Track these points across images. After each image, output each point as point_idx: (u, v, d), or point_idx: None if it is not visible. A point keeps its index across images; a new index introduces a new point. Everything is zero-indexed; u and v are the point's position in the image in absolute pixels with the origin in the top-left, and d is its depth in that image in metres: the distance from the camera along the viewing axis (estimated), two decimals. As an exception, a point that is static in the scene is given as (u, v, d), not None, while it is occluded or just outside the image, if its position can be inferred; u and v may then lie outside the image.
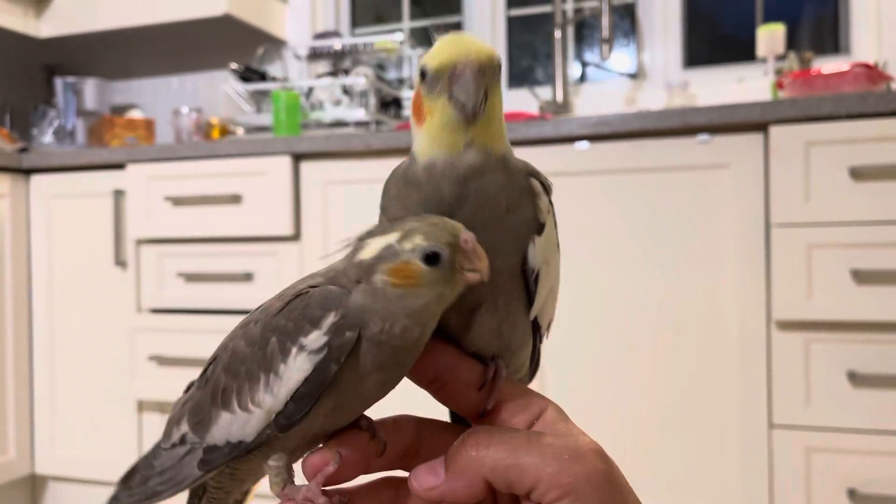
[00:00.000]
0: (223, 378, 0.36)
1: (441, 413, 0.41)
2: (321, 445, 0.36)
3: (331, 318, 0.34)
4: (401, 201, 0.37)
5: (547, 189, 0.40)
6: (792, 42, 1.89)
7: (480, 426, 0.36)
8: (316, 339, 0.34)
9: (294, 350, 0.34)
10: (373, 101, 1.89)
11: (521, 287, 0.38)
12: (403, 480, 0.36)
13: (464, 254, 0.33)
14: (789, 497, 1.33)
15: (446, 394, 0.37)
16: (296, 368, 0.34)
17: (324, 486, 0.34)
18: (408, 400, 0.40)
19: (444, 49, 0.36)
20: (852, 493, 1.29)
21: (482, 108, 0.35)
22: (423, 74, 0.36)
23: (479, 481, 0.33)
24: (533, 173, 0.39)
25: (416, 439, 0.37)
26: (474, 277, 0.34)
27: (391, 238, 0.34)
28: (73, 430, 1.86)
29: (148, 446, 1.79)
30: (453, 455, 0.34)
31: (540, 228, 0.39)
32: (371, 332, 0.33)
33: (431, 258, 0.33)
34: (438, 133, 0.36)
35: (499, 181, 0.36)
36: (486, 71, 0.35)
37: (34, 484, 1.94)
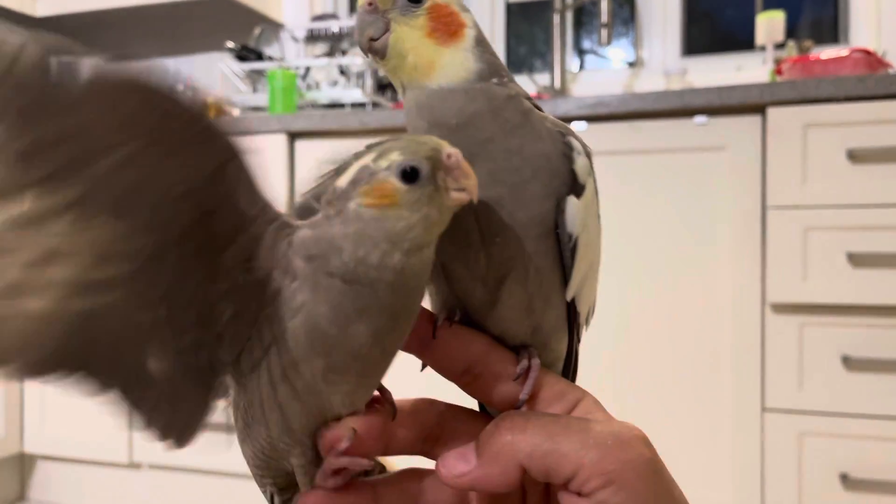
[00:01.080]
0: None
1: (464, 401, 0.38)
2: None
3: None
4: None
5: (588, 153, 0.36)
6: (791, 34, 1.89)
7: (514, 411, 0.33)
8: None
9: None
10: (369, 82, 1.88)
11: (556, 257, 0.34)
12: (429, 472, 0.34)
13: (447, 170, 0.30)
14: (781, 481, 1.32)
15: (477, 386, 0.34)
16: None
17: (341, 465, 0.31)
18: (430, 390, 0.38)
19: None
20: (845, 478, 1.28)
21: (379, 45, 0.33)
22: None
23: (514, 468, 0.30)
24: (568, 133, 0.35)
25: (437, 423, 0.35)
26: (460, 196, 0.30)
27: (367, 159, 0.30)
28: (62, 409, 1.84)
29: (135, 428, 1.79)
30: (486, 439, 0.31)
31: (579, 190, 0.35)
32: (340, 262, 0.29)
33: (409, 174, 0.29)
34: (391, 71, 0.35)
35: (483, 109, 0.33)
36: (378, 4, 0.33)
37: (23, 462, 1.93)
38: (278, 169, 1.61)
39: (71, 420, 1.83)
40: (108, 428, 1.78)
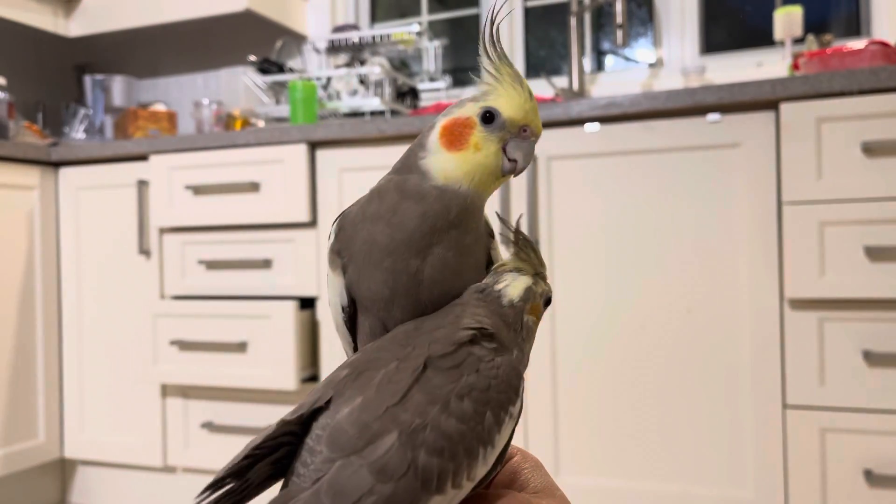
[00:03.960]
0: (435, 462, 0.33)
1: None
2: None
3: (523, 385, 0.38)
4: (388, 211, 0.40)
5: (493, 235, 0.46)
6: (816, 29, 1.87)
7: None
8: (517, 406, 0.37)
9: (506, 419, 0.36)
10: (388, 90, 1.92)
11: None
12: None
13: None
14: (804, 478, 1.31)
15: None
16: (504, 436, 0.36)
17: None
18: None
19: (521, 105, 0.41)
20: (868, 474, 1.27)
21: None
22: (489, 114, 0.40)
23: None
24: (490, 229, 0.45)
25: None
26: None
27: (526, 280, 0.42)
28: (100, 415, 1.91)
29: (171, 430, 1.84)
30: None
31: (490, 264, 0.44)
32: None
33: (547, 301, 0.43)
34: (475, 168, 0.40)
35: (478, 218, 0.42)
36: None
37: (63, 468, 2.00)
38: (300, 178, 1.65)
39: (108, 425, 1.90)
40: (143, 433, 1.84)
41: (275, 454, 0.37)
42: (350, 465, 0.33)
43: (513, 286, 0.41)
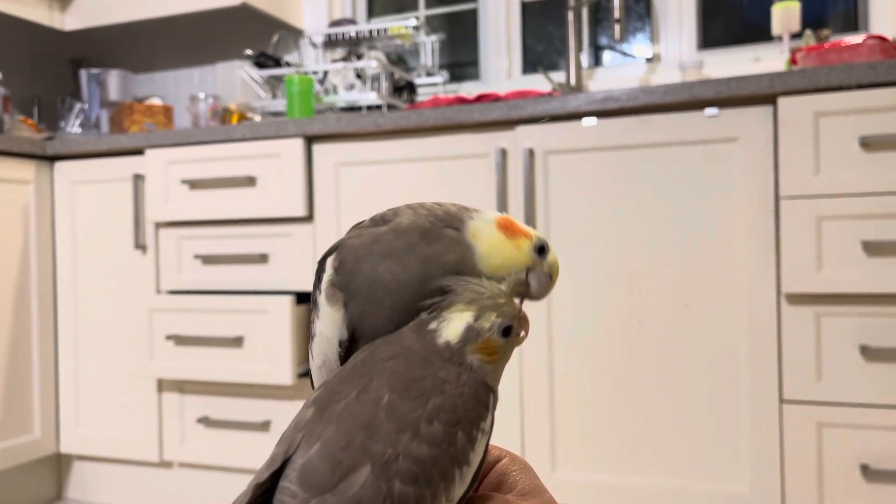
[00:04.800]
0: (411, 490, 0.33)
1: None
2: None
3: (492, 399, 0.38)
4: (402, 250, 0.41)
5: None
6: (814, 24, 1.86)
7: None
8: (487, 420, 0.37)
9: (478, 436, 0.36)
10: (385, 85, 1.91)
11: None
12: None
13: (522, 321, 0.40)
14: (801, 473, 1.31)
15: None
16: (478, 453, 0.36)
17: None
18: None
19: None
20: (865, 469, 1.27)
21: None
22: (541, 248, 0.43)
23: None
24: None
25: None
26: (524, 338, 0.40)
27: (467, 316, 0.38)
28: (96, 410, 1.90)
29: (167, 425, 1.83)
30: None
31: None
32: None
33: (506, 331, 0.38)
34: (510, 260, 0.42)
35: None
36: None
37: (59, 463, 1.99)
38: (296, 172, 1.64)
39: (104, 420, 1.89)
40: (140, 427, 1.84)
41: None
42: (325, 503, 0.32)
43: (451, 326, 0.37)
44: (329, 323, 0.42)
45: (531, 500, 0.39)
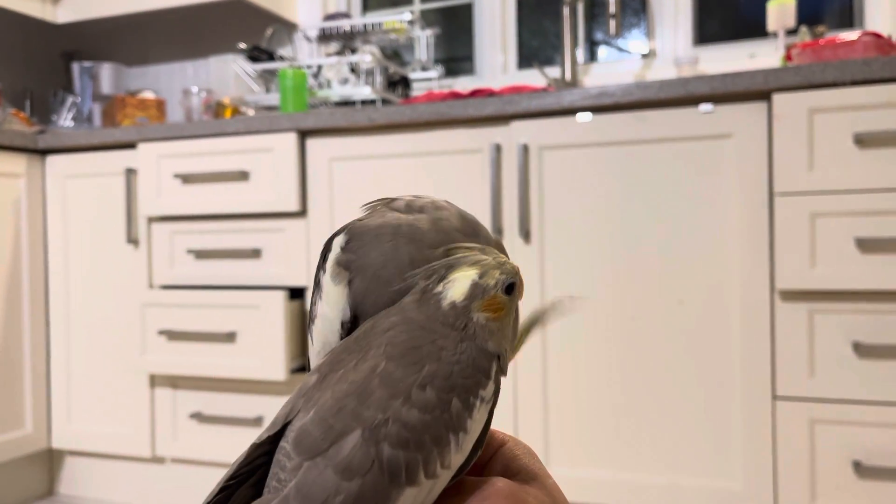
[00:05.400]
0: (401, 455, 0.33)
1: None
2: None
3: (494, 366, 0.37)
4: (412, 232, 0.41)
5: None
6: (810, 21, 1.86)
7: None
8: (488, 388, 0.37)
9: (477, 403, 0.36)
10: (379, 79, 1.90)
11: None
12: None
13: (521, 281, 0.40)
14: (794, 469, 1.32)
15: None
16: (478, 420, 0.36)
17: None
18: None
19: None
20: (857, 466, 1.27)
21: None
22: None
23: None
24: None
25: None
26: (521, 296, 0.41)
27: (472, 273, 0.38)
28: (88, 405, 1.90)
29: (160, 420, 1.82)
30: None
31: None
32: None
33: (509, 288, 0.39)
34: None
35: None
36: None
37: (51, 458, 1.98)
38: (289, 167, 1.63)
39: (96, 415, 1.88)
40: (132, 422, 1.83)
41: (254, 477, 0.36)
42: (315, 466, 0.33)
43: (456, 285, 0.38)
44: (332, 303, 0.42)
45: (534, 484, 0.39)
